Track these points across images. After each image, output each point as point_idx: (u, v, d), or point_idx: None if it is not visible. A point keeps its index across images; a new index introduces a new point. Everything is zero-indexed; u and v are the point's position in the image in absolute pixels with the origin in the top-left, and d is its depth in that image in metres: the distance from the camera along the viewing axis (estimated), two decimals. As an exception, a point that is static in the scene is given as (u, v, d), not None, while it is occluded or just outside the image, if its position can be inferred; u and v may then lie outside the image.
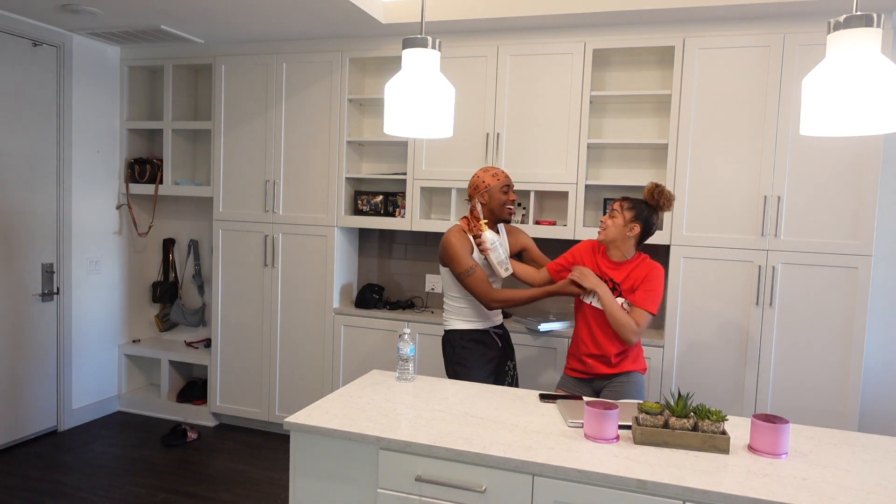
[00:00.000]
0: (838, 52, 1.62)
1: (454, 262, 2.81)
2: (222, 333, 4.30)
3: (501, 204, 2.87)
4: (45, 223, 4.07)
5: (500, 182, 2.87)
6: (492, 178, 2.87)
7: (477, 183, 2.89)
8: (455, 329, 2.93)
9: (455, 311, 2.94)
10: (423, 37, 2.01)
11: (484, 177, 2.88)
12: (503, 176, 2.89)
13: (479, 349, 2.90)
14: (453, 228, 2.88)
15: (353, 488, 1.97)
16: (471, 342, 2.90)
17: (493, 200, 2.87)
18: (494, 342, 2.96)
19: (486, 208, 2.89)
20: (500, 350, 2.98)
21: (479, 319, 2.93)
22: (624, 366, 2.72)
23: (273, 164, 4.12)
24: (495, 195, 2.87)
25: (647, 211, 2.68)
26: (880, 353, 3.56)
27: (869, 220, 3.14)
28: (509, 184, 2.89)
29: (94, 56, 4.29)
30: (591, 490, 1.72)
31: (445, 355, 2.96)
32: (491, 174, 2.88)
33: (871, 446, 1.98)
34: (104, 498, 3.33)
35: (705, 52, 3.34)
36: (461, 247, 2.81)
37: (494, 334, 2.97)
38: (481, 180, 2.88)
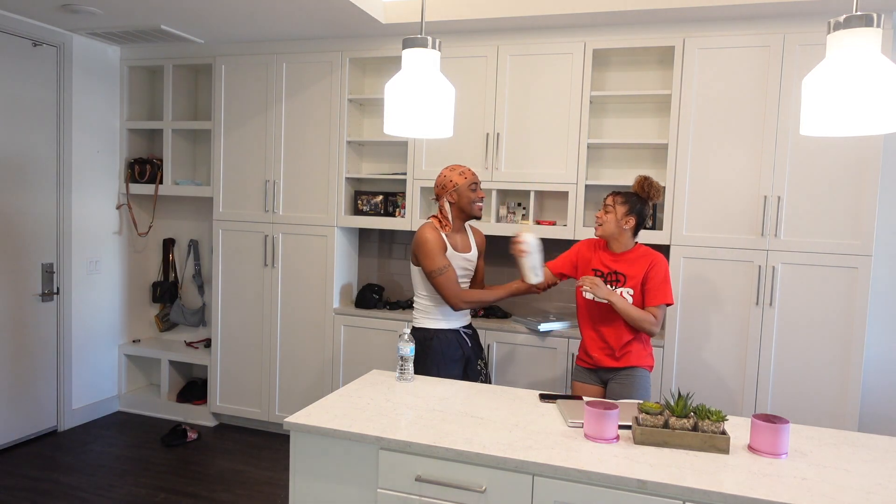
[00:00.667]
0: (838, 52, 1.62)
1: (427, 260, 2.81)
2: (222, 333, 4.30)
3: (470, 202, 2.88)
4: (45, 223, 4.07)
5: (467, 180, 2.87)
6: (459, 177, 2.87)
7: (444, 182, 2.89)
8: (425, 328, 2.93)
9: (425, 310, 2.95)
10: (423, 37, 2.01)
11: (451, 175, 2.88)
12: (470, 174, 2.89)
13: (450, 349, 2.90)
14: (426, 226, 2.87)
15: (353, 488, 1.97)
16: (441, 342, 2.89)
17: (462, 199, 2.87)
18: (465, 341, 2.97)
19: (456, 207, 2.90)
20: (469, 349, 2.99)
21: (450, 319, 2.94)
22: (629, 360, 2.75)
23: (273, 164, 4.12)
24: (464, 193, 2.87)
25: (639, 203, 2.74)
26: (880, 353, 3.56)
27: (869, 220, 3.14)
28: (477, 181, 2.90)
29: (94, 56, 4.29)
30: (591, 490, 1.72)
31: (422, 352, 2.92)
32: (458, 172, 2.88)
33: (871, 446, 1.98)
34: (104, 498, 3.33)
35: (705, 52, 3.34)
36: (435, 244, 2.81)
37: (464, 334, 2.98)
38: (448, 179, 2.88)
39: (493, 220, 3.76)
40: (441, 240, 2.84)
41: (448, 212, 2.90)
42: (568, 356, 3.52)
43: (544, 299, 3.96)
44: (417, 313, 2.98)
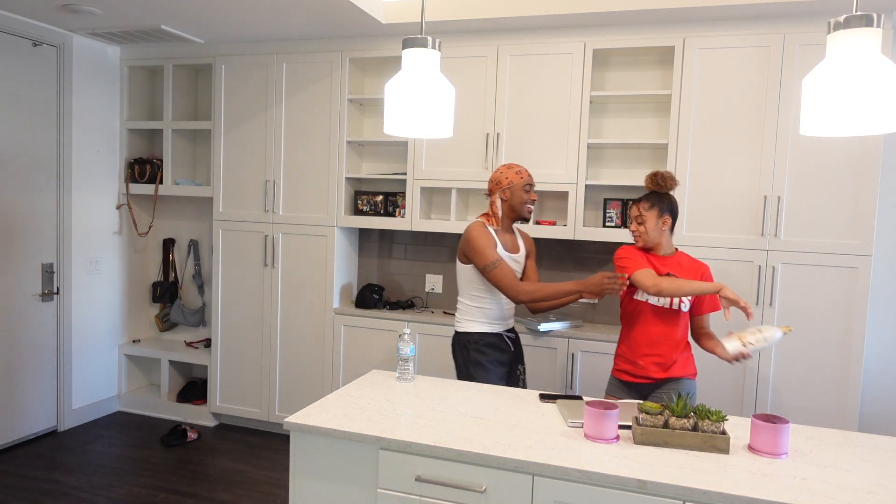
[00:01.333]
0: (838, 52, 1.62)
1: (479, 256, 2.71)
2: (222, 333, 4.30)
3: (522, 203, 2.81)
4: (45, 223, 4.07)
5: (523, 180, 2.80)
6: (515, 176, 2.81)
7: (499, 178, 2.83)
8: (468, 331, 2.84)
9: (470, 312, 2.85)
10: (423, 37, 2.01)
11: (507, 173, 2.82)
12: (526, 174, 2.82)
13: (493, 353, 2.82)
14: (475, 223, 2.80)
15: (353, 488, 1.97)
16: (485, 345, 2.81)
17: (515, 198, 2.81)
18: (507, 346, 2.88)
19: (507, 205, 2.83)
20: (511, 354, 2.90)
21: (495, 322, 2.85)
22: (675, 370, 2.61)
23: (273, 164, 4.12)
24: (517, 192, 2.81)
25: (665, 200, 2.62)
26: (880, 353, 3.56)
27: (869, 220, 3.14)
28: (532, 182, 2.83)
29: (94, 56, 4.29)
30: (591, 490, 1.72)
31: (457, 357, 2.87)
32: (514, 171, 2.82)
33: (871, 446, 1.98)
34: (104, 498, 3.33)
35: (705, 52, 3.34)
36: (486, 239, 2.73)
37: (507, 338, 2.89)
38: (504, 176, 2.82)
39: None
40: (491, 235, 2.76)
41: (499, 209, 2.83)
42: (568, 356, 3.52)
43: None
44: (460, 315, 2.89)
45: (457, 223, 3.79)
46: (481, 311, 2.84)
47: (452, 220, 3.80)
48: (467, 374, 2.82)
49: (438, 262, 4.18)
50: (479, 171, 3.72)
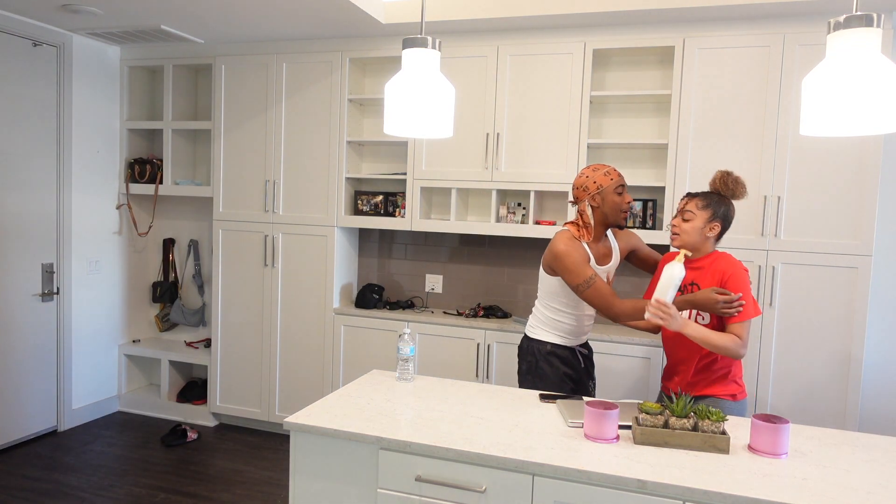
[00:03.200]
0: (838, 52, 1.62)
1: (570, 275, 2.45)
2: (222, 333, 4.30)
3: (617, 208, 2.50)
4: (45, 223, 4.07)
5: (613, 181, 2.49)
6: (604, 178, 2.49)
7: (586, 184, 2.51)
8: (540, 339, 2.65)
9: (545, 321, 2.65)
10: (423, 37, 2.01)
11: (595, 176, 2.50)
12: (616, 174, 2.51)
13: (563, 366, 2.62)
14: (563, 235, 2.52)
15: (353, 488, 1.97)
16: (555, 357, 2.62)
17: (607, 204, 2.50)
18: (578, 361, 2.67)
19: (599, 212, 2.52)
20: (582, 370, 2.69)
21: (569, 336, 2.64)
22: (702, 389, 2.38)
23: (273, 164, 4.12)
24: (609, 197, 2.49)
25: (723, 206, 2.37)
26: (880, 353, 3.56)
27: (869, 220, 3.14)
28: (624, 183, 2.52)
29: (94, 56, 4.29)
30: (591, 490, 1.72)
31: (522, 362, 2.70)
32: (602, 172, 2.50)
33: (871, 446, 1.98)
34: (104, 498, 3.33)
35: (705, 52, 3.34)
36: (577, 256, 2.45)
37: (580, 353, 2.68)
38: (591, 180, 2.50)
39: (493, 219, 3.76)
40: (583, 249, 2.49)
41: (590, 217, 2.52)
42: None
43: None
44: (534, 320, 2.69)
45: (457, 223, 3.79)
46: (557, 324, 2.64)
47: (452, 220, 3.80)
48: (530, 383, 2.66)
49: (438, 262, 4.18)
50: (479, 171, 3.72)
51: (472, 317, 3.85)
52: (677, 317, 2.23)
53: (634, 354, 3.43)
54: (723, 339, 2.24)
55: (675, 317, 2.22)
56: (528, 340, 2.70)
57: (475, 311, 3.91)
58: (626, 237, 2.75)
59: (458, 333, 3.72)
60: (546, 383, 2.62)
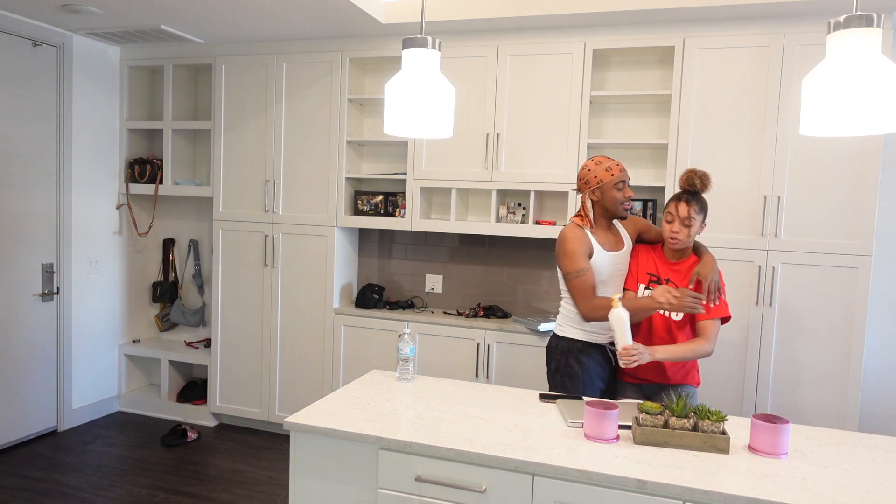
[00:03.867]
0: (838, 52, 1.62)
1: (565, 259, 2.51)
2: (222, 333, 4.30)
3: (616, 202, 2.55)
4: (45, 223, 4.07)
5: (614, 177, 2.53)
6: (605, 173, 2.53)
7: (587, 177, 2.56)
8: (568, 337, 2.62)
9: (571, 318, 2.62)
10: (423, 37, 2.01)
11: (596, 171, 2.54)
12: (617, 170, 2.54)
13: (592, 365, 2.59)
14: (569, 225, 2.59)
15: (353, 488, 1.97)
16: (584, 355, 2.58)
17: (607, 198, 2.55)
18: (609, 359, 2.64)
19: (599, 206, 2.58)
20: (612, 369, 2.66)
21: (597, 332, 2.60)
22: (677, 377, 2.57)
23: (273, 164, 4.12)
24: (608, 193, 2.54)
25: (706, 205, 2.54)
26: (880, 353, 3.56)
27: (869, 220, 3.14)
28: (625, 178, 2.55)
29: (94, 56, 4.29)
30: (591, 490, 1.72)
31: (551, 362, 2.66)
32: (604, 168, 2.54)
33: (871, 446, 1.98)
34: (104, 498, 3.33)
35: (705, 52, 3.34)
36: (578, 244, 2.51)
37: (610, 350, 2.64)
38: (593, 175, 2.55)
39: (493, 219, 3.76)
40: (586, 240, 2.53)
41: (590, 210, 2.58)
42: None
43: (544, 299, 3.96)
44: (561, 319, 2.67)
45: (457, 223, 3.79)
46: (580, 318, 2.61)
47: (452, 220, 3.80)
48: (560, 382, 2.61)
49: (438, 262, 4.18)
50: (479, 171, 3.72)
51: (472, 317, 3.85)
52: (645, 353, 2.34)
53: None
54: (691, 348, 2.43)
55: (644, 353, 2.34)
56: (557, 339, 2.67)
57: (475, 311, 3.91)
58: (633, 223, 2.77)
59: (458, 333, 3.72)
60: (575, 381, 2.57)
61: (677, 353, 2.43)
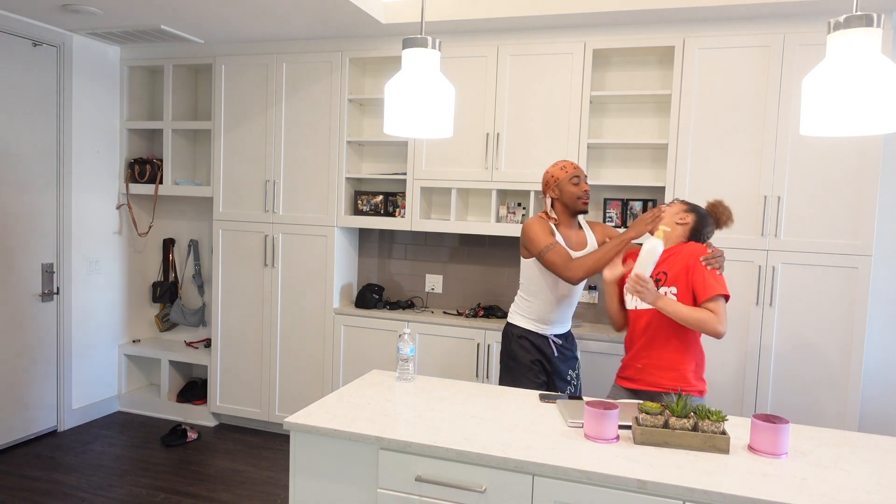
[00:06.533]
0: (838, 52, 1.62)
1: (533, 242, 2.70)
2: (222, 333, 4.30)
3: (573, 196, 2.76)
4: (45, 223, 4.07)
5: (568, 173, 2.76)
6: (560, 171, 2.77)
7: (546, 179, 2.81)
8: (513, 323, 2.89)
9: (520, 306, 2.88)
10: (423, 37, 2.01)
11: (552, 171, 2.79)
12: (571, 167, 2.77)
13: (533, 350, 2.82)
14: (531, 219, 2.79)
15: (353, 488, 1.97)
16: (526, 341, 2.83)
17: (565, 193, 2.77)
18: (551, 349, 2.84)
19: (559, 203, 2.79)
20: (556, 359, 2.85)
21: (539, 323, 2.84)
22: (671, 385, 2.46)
23: (273, 164, 4.12)
24: (565, 188, 2.76)
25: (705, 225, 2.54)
26: (880, 353, 3.56)
27: (869, 220, 3.14)
28: (579, 174, 2.76)
29: (94, 56, 4.29)
30: (591, 490, 1.72)
31: (503, 347, 2.92)
32: (559, 167, 2.78)
33: (871, 446, 1.98)
34: (104, 498, 3.33)
35: (705, 52, 3.34)
36: (542, 227, 2.72)
37: (553, 342, 2.85)
38: (549, 175, 2.80)
39: (493, 219, 3.76)
40: (548, 227, 2.74)
41: (551, 208, 2.82)
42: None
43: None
44: (513, 306, 2.92)
45: (457, 223, 3.79)
46: (527, 307, 2.86)
47: (452, 220, 3.80)
48: (505, 364, 2.87)
49: (438, 262, 4.18)
50: (479, 171, 3.72)
51: (472, 317, 3.86)
52: (653, 289, 2.36)
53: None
54: (697, 313, 2.33)
55: (651, 290, 2.35)
56: (507, 325, 2.92)
57: (475, 311, 3.91)
58: (601, 229, 2.95)
59: (458, 333, 3.73)
60: (518, 365, 2.81)
61: (681, 311, 2.33)
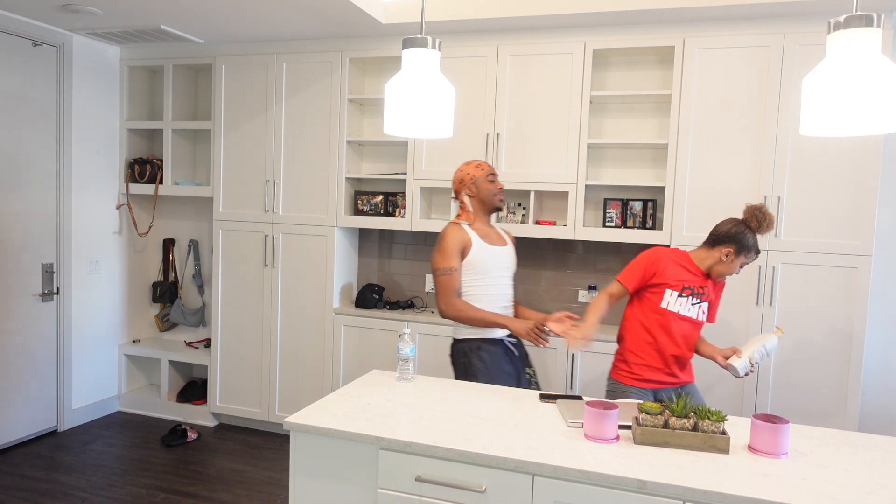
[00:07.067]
0: (838, 52, 1.62)
1: (439, 255, 2.67)
2: (222, 333, 4.30)
3: (490, 193, 2.76)
4: (45, 223, 4.07)
5: (484, 171, 2.76)
6: (476, 169, 2.77)
7: (461, 177, 2.79)
8: (468, 338, 2.72)
9: None
10: (423, 37, 2.01)
11: (467, 169, 2.78)
12: (486, 165, 2.79)
13: (496, 360, 2.70)
14: (451, 223, 2.74)
15: (353, 488, 1.97)
16: (486, 353, 2.69)
17: (482, 191, 2.76)
18: (510, 351, 2.76)
19: (476, 200, 2.78)
20: (517, 360, 2.79)
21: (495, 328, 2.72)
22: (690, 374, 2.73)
23: (273, 164, 4.12)
24: (482, 185, 2.76)
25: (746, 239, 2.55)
26: (880, 354, 3.56)
27: (869, 220, 3.14)
28: (494, 172, 2.80)
29: (94, 56, 4.29)
30: (591, 490, 1.72)
31: (458, 367, 2.74)
32: (474, 165, 2.78)
33: (871, 446, 1.98)
34: (104, 498, 3.33)
35: (705, 52, 3.34)
36: (455, 244, 2.67)
37: (509, 343, 2.77)
38: (465, 173, 2.78)
39: (494, 219, 3.76)
40: (464, 240, 2.68)
41: (469, 206, 2.79)
42: (568, 356, 3.52)
43: (544, 299, 3.96)
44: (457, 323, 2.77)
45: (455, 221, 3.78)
46: None
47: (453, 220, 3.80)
48: None
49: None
50: (479, 171, 3.72)
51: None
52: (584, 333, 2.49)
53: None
54: None
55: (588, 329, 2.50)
56: (457, 343, 2.77)
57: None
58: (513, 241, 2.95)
59: (458, 333, 3.72)
60: (484, 379, 2.66)
61: None
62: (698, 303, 2.60)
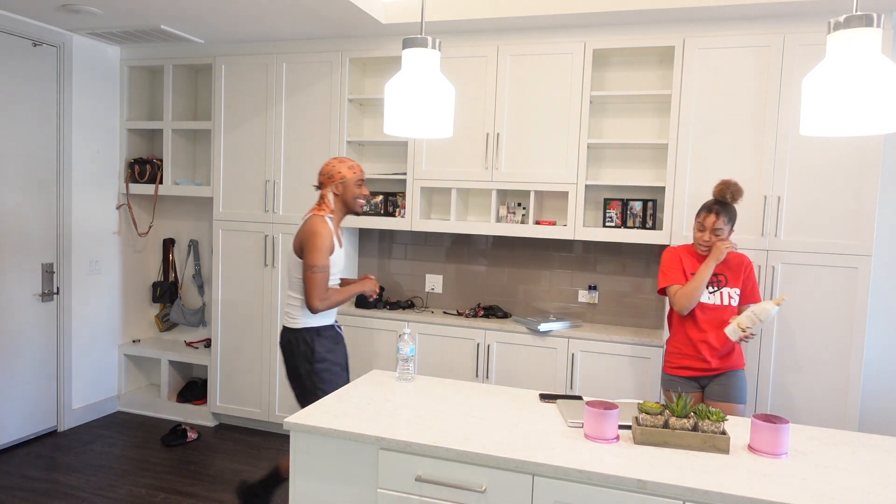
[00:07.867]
0: (838, 52, 1.62)
1: (315, 253, 2.69)
2: (222, 333, 4.30)
3: (354, 197, 2.84)
4: (45, 223, 4.07)
5: (356, 175, 2.83)
6: (348, 171, 2.82)
7: (332, 172, 2.82)
8: (310, 326, 2.79)
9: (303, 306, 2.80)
10: (423, 37, 2.01)
11: (340, 167, 2.82)
12: (359, 169, 2.85)
13: (337, 347, 2.85)
14: (319, 219, 2.75)
15: (353, 488, 1.97)
16: (329, 340, 2.82)
17: (348, 193, 2.82)
18: (339, 335, 2.90)
19: (339, 200, 2.83)
20: (342, 341, 2.92)
21: (330, 314, 2.86)
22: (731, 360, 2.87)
23: (273, 164, 4.12)
24: (350, 188, 2.82)
25: (734, 215, 2.84)
26: (880, 354, 3.56)
27: (869, 220, 3.14)
28: (364, 178, 2.87)
29: (94, 56, 4.29)
30: (591, 490, 1.72)
31: (297, 354, 2.79)
32: (347, 166, 2.82)
33: (871, 446, 1.98)
34: (104, 498, 3.33)
35: (705, 52, 3.34)
36: (327, 242, 2.73)
37: (337, 328, 2.90)
38: (336, 171, 2.81)
39: (493, 219, 3.76)
40: (332, 238, 2.76)
41: (331, 202, 2.83)
42: (568, 356, 3.52)
43: (544, 299, 3.96)
44: (293, 311, 2.82)
45: (457, 223, 3.79)
46: None
47: (452, 220, 3.80)
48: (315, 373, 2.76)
49: (438, 262, 4.18)
50: (479, 171, 3.72)
51: (472, 317, 3.86)
52: None
53: (634, 354, 3.43)
54: None
55: None
56: (293, 333, 2.81)
57: (475, 311, 3.92)
58: None
59: (458, 333, 3.72)
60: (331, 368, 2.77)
61: None
62: (715, 290, 2.82)
